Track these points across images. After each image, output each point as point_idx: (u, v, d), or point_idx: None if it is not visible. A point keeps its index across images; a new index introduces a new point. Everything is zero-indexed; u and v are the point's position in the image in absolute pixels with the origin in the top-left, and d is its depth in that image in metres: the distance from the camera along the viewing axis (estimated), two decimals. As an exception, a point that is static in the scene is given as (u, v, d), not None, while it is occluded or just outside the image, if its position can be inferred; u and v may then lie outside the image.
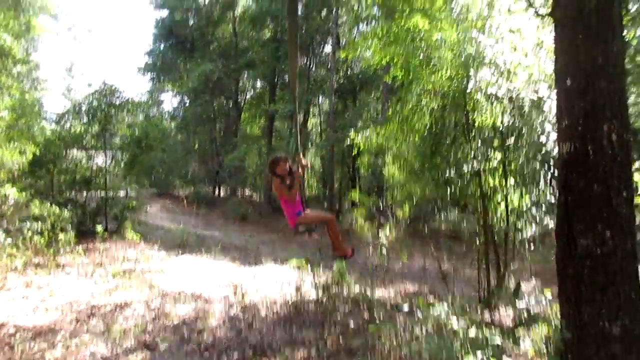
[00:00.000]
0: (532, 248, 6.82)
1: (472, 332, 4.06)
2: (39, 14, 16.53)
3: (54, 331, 4.81)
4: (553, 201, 6.00)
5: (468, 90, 6.36)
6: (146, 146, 15.56)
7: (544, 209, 6.45)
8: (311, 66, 24.64)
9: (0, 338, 4.54)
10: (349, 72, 24.29)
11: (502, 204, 6.61)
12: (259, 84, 28.79)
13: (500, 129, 6.46)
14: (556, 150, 3.88)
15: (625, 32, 5.49)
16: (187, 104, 28.48)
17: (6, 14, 11.83)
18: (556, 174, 4.25)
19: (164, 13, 27.51)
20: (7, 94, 12.56)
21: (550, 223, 6.20)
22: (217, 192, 27.30)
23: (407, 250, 8.70)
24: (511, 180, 6.53)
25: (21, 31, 14.18)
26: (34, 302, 5.84)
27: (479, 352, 3.67)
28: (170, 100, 50.20)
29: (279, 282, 7.45)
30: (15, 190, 8.96)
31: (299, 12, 20.13)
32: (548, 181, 6.32)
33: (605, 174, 3.27)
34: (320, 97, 25.30)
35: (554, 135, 5.67)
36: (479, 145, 6.67)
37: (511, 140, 6.50)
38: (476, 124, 6.67)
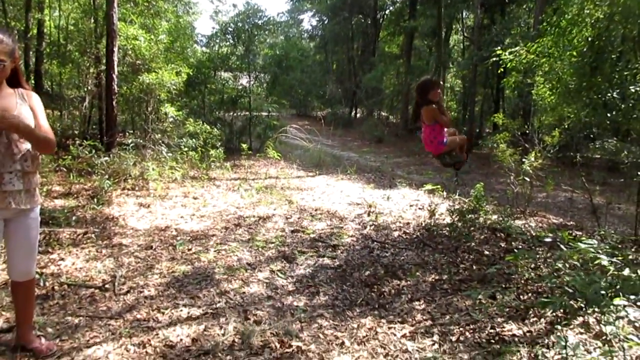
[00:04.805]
0: None
1: (625, 272, 3.67)
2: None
3: (207, 236, 5.39)
4: None
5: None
6: (286, 66, 16.03)
7: None
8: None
9: (165, 239, 5.22)
10: (499, -19, 21.85)
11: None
12: (398, -2, 27.44)
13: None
14: None
15: None
16: (326, 23, 28.37)
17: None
18: None
19: None
20: (164, 18, 13.53)
21: None
22: (353, 113, 27.45)
23: (553, 179, 7.99)
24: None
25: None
26: (191, 210, 6.57)
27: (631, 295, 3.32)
28: (308, 20, 50.60)
29: (412, 205, 7.43)
30: (173, 109, 9.88)
31: None
32: None
33: None
34: (465, 12, 23.31)
35: None
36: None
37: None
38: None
